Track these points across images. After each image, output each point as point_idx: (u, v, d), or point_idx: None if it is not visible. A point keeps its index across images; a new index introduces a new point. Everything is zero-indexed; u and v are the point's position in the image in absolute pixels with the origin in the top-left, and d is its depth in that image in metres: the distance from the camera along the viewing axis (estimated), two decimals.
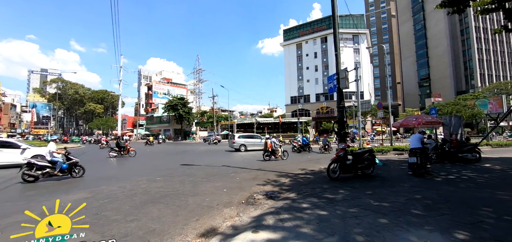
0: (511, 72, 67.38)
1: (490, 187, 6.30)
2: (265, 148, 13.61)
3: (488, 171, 8.71)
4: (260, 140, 20.02)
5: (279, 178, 8.03)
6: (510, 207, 4.60)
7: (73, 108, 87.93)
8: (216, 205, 5.16)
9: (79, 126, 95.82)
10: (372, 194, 5.70)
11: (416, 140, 8.22)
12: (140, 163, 13.03)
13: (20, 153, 11.07)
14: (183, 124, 51.92)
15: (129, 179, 8.22)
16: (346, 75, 8.68)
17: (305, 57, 60.88)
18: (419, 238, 3.29)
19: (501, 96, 32.08)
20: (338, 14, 9.26)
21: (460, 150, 11.00)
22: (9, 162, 10.84)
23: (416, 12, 78.02)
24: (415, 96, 78.72)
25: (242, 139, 19.47)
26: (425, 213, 4.31)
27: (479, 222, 3.84)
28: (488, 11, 9.37)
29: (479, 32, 65.48)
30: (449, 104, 40.47)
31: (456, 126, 12.95)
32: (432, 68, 73.02)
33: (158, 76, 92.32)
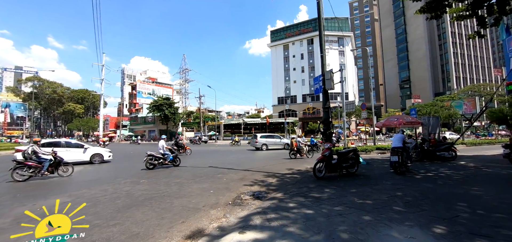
0: (483, 76, 71.91)
1: (465, 183, 6.67)
2: (291, 147, 14.31)
3: (463, 168, 9.22)
4: (279, 140, 21.24)
5: (267, 178, 8.05)
6: (483, 202, 4.89)
7: (50, 108, 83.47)
8: (202, 206, 5.09)
9: (57, 127, 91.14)
10: (356, 192, 5.86)
11: (398, 140, 8.52)
12: (122, 166, 12.61)
13: (83, 152, 12.81)
14: (168, 124, 50.86)
15: (112, 182, 7.93)
16: (332, 76, 8.88)
17: (292, 58, 61.62)
18: (400, 233, 3.42)
19: (475, 97, 34.13)
20: (324, 16, 9.46)
21: (438, 149, 11.57)
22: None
23: (397, 17, 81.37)
24: (397, 97, 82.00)
25: (263, 139, 20.43)
26: (406, 209, 4.48)
27: (455, 217, 4.05)
28: (462, 17, 9.93)
29: (455, 37, 69.41)
30: (427, 105, 42.37)
31: (434, 126, 13.62)
32: (412, 70, 76.41)
33: (142, 76, 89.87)
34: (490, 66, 74.12)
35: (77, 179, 8.70)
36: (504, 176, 7.64)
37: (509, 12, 9.51)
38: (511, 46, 12.47)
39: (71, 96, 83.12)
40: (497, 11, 9.34)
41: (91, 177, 9.16)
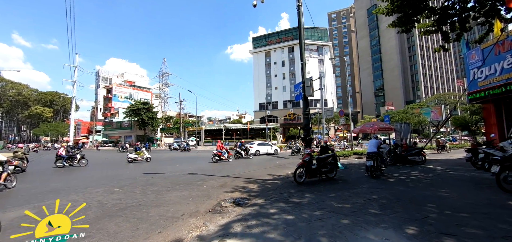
0: (448, 85, 78.24)
1: (433, 185, 7.13)
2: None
3: (432, 171, 9.86)
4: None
5: (248, 185, 8.00)
6: (449, 203, 5.24)
7: (14, 111, 76.82)
8: (181, 215, 4.91)
9: (21, 132, 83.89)
10: (335, 196, 6.01)
11: (373, 145, 8.92)
12: (94, 173, 11.85)
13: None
14: (146, 130, 48.93)
15: (82, 191, 7.40)
16: (311, 83, 9.13)
17: (273, 65, 62.61)
18: (376, 235, 3.55)
19: (441, 105, 36.93)
20: (304, 26, 9.75)
21: (409, 153, 12.29)
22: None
23: (372, 29, 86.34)
24: (372, 104, 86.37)
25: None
26: (381, 211, 4.68)
27: (425, 218, 4.29)
28: (429, 32, 10.82)
29: (423, 50, 75.09)
30: (400, 112, 45.12)
31: (406, 132, 14.45)
32: (386, 79, 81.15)
33: (119, 79, 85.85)
34: (453, 77, 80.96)
35: (39, 189, 8.00)
36: (467, 178, 8.27)
37: (468, 29, 10.51)
38: (470, 59, 13.72)
39: (38, 98, 77.14)
40: (458, 27, 10.28)
41: (60, 185, 8.48)
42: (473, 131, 25.32)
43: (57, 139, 62.61)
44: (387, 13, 9.75)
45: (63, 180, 9.71)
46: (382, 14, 10.04)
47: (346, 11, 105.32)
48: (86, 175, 11.19)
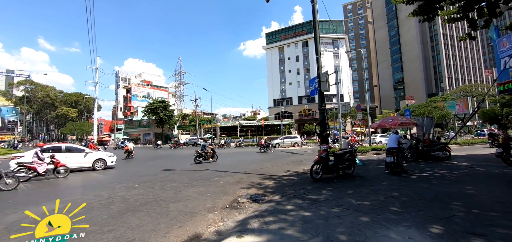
0: (475, 76, 73.33)
1: (459, 182, 6.75)
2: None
3: (457, 168, 9.34)
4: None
5: (263, 181, 8.02)
6: (477, 201, 4.95)
7: (43, 112, 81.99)
8: (199, 210, 5.04)
9: (50, 131, 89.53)
10: (353, 193, 5.87)
11: (393, 141, 8.58)
12: (117, 170, 12.43)
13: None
14: (164, 128, 50.45)
15: (106, 187, 7.81)
16: (327, 78, 8.93)
17: (287, 60, 61.92)
18: (398, 234, 3.43)
19: (467, 98, 34.72)
20: (319, 19, 9.52)
21: (432, 149, 11.71)
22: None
23: (390, 19, 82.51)
24: (391, 98, 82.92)
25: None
26: (403, 209, 4.51)
27: (451, 216, 4.08)
28: (454, 20, 10.13)
29: (447, 39, 70.69)
30: (421, 106, 42.98)
31: (428, 127, 13.80)
32: (406, 71, 77.46)
33: (137, 79, 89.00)
34: (481, 67, 75.68)
35: (70, 183, 8.54)
36: (497, 174, 7.76)
37: (498, 14, 9.72)
38: (501, 47, 12.74)
39: (64, 99, 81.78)
40: (487, 13, 9.55)
41: (85, 182, 9.00)
42: (504, 125, 23.58)
43: (82, 138, 66.21)
44: (408, 1, 9.24)
45: (89, 177, 10.27)
46: (402, 3, 9.54)
47: (362, 2, 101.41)
48: (108, 173, 11.76)
